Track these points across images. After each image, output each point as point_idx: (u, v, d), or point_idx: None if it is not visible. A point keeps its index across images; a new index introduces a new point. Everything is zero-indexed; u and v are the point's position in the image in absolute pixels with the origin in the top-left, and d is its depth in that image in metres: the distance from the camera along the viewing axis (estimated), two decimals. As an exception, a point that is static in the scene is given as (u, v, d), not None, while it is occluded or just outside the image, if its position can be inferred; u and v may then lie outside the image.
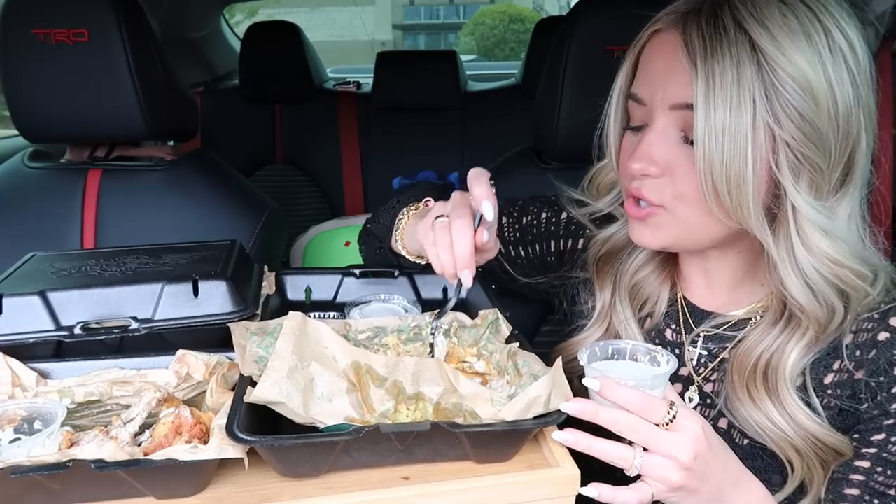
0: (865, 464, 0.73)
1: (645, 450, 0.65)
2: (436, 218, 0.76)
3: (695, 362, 0.84)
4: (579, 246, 0.96)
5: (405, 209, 0.91)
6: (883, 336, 0.73)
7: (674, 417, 0.64)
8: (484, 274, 0.99)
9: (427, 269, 0.88)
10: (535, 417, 0.65)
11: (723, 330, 0.82)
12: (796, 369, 0.74)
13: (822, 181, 0.69)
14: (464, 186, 0.89)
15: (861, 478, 0.73)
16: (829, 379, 0.75)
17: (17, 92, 1.26)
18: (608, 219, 0.92)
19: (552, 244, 0.98)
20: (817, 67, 0.66)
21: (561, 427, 0.66)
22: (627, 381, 0.65)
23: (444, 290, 0.97)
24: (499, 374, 0.75)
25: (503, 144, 1.51)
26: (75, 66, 1.23)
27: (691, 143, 0.69)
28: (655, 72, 0.73)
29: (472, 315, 0.84)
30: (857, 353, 0.74)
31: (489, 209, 0.73)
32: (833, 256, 0.70)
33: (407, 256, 0.91)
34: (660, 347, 0.72)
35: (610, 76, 1.15)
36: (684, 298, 0.87)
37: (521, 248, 1.00)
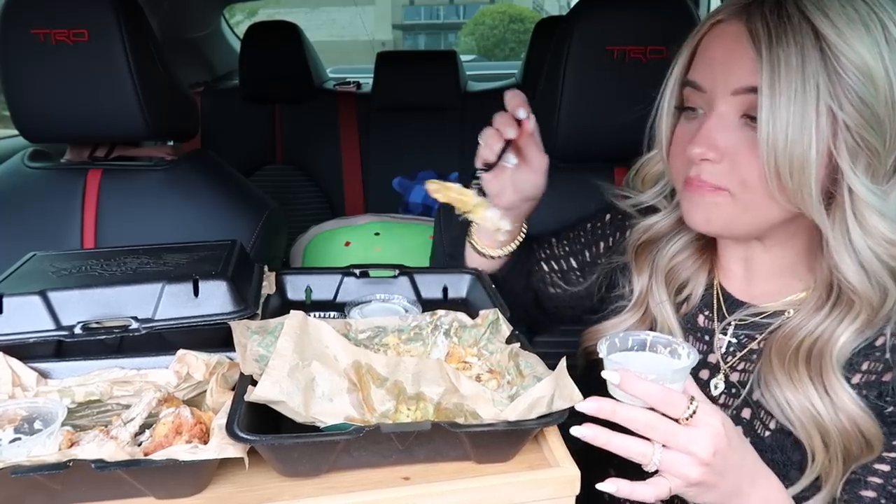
0: (885, 467, 0.73)
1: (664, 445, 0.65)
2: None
3: (723, 350, 0.85)
4: (626, 235, 0.98)
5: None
6: None
7: (694, 412, 0.64)
8: (538, 302, 1.05)
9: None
10: (537, 418, 0.65)
11: (757, 319, 0.83)
12: (844, 352, 0.75)
13: (879, 165, 0.71)
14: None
15: (879, 481, 0.73)
16: (856, 379, 0.76)
17: (17, 92, 1.26)
18: (650, 211, 0.94)
19: (601, 245, 1.01)
20: (876, 56, 0.68)
21: (562, 426, 0.66)
22: (648, 374, 0.65)
23: (444, 290, 0.97)
24: (500, 377, 0.75)
25: (503, 144, 1.50)
26: (75, 66, 1.23)
27: (752, 127, 0.71)
28: (717, 59, 0.75)
29: (473, 315, 0.84)
30: (887, 355, 0.75)
31: (521, 113, 0.87)
32: (889, 237, 0.71)
33: (483, 250, 1.01)
34: (680, 339, 0.72)
35: (610, 76, 1.15)
36: (721, 286, 0.88)
37: (571, 259, 1.04)
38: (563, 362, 0.68)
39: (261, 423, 0.62)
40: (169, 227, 1.30)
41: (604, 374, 0.66)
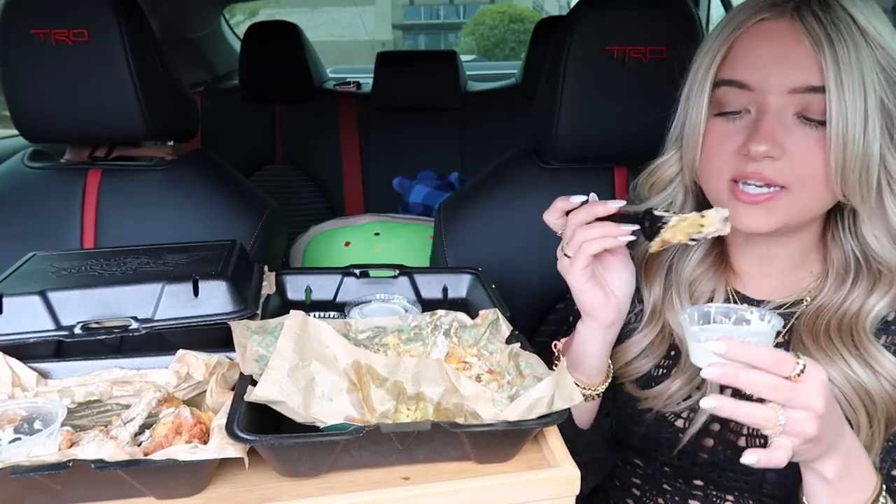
0: None
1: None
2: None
3: None
4: None
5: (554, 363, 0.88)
6: None
7: (804, 368, 0.63)
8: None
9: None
10: (537, 418, 0.65)
11: (778, 311, 0.83)
12: (875, 322, 0.78)
13: None
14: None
15: None
16: None
17: (17, 92, 1.26)
18: None
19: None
20: None
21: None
22: (749, 338, 0.65)
23: (444, 290, 0.97)
24: (500, 377, 0.75)
25: (503, 144, 1.51)
26: (75, 66, 1.22)
27: (809, 125, 0.73)
28: (767, 57, 0.75)
29: (473, 315, 0.84)
30: None
31: (579, 198, 0.78)
32: None
33: (588, 390, 0.86)
34: (745, 305, 0.72)
35: (610, 76, 1.15)
36: (735, 291, 0.89)
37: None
38: (563, 362, 0.68)
39: (261, 423, 0.62)
40: (169, 227, 1.30)
41: (708, 345, 0.64)
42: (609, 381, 0.88)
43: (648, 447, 0.91)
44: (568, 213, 0.79)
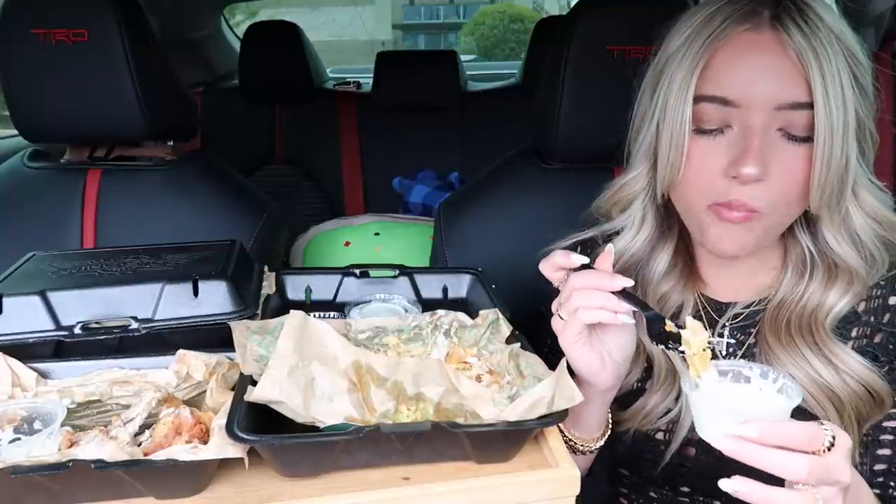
0: (893, 423, 0.77)
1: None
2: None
3: (724, 353, 0.85)
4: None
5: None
6: (893, 300, 0.78)
7: (833, 439, 0.58)
8: None
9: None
10: (537, 418, 0.64)
11: (746, 311, 0.84)
12: (834, 318, 0.77)
13: (868, 148, 0.74)
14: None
15: (891, 437, 0.77)
16: (849, 346, 0.77)
17: (17, 92, 1.26)
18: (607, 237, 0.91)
19: None
20: (856, 40, 0.72)
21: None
22: (773, 414, 0.60)
23: (444, 290, 0.97)
24: (500, 377, 0.75)
25: (503, 144, 1.50)
26: (75, 66, 1.22)
27: (792, 142, 0.71)
28: (750, 72, 0.71)
29: (473, 315, 0.84)
30: (872, 318, 0.78)
31: (580, 258, 0.73)
32: (880, 211, 0.75)
33: (584, 447, 0.83)
34: (742, 361, 0.69)
35: (610, 76, 1.15)
36: (702, 295, 0.87)
37: None
38: (563, 362, 0.68)
39: (261, 424, 0.62)
40: (169, 227, 1.30)
41: (739, 430, 0.57)
42: (607, 436, 0.83)
43: (631, 463, 0.90)
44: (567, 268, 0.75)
